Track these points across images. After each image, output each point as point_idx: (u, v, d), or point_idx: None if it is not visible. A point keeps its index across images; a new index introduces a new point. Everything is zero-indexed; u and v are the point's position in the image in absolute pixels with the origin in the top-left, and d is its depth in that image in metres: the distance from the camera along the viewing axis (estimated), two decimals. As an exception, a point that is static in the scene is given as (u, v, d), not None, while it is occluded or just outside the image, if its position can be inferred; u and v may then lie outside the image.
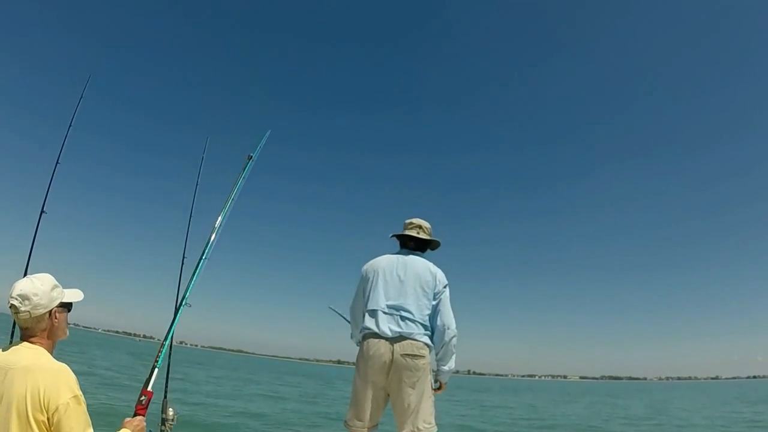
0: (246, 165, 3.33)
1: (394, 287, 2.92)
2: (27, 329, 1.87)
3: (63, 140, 3.49)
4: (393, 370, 2.74)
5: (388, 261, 3.06)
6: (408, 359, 2.74)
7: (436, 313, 2.91)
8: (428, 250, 3.22)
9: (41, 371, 1.75)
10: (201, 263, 2.89)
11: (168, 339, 2.64)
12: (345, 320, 3.37)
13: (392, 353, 2.74)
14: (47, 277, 1.94)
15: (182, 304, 2.75)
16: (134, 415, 2.24)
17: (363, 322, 2.91)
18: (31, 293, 1.85)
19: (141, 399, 2.31)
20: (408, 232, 3.15)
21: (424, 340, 2.82)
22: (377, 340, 2.80)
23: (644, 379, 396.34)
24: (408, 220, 3.21)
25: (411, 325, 2.81)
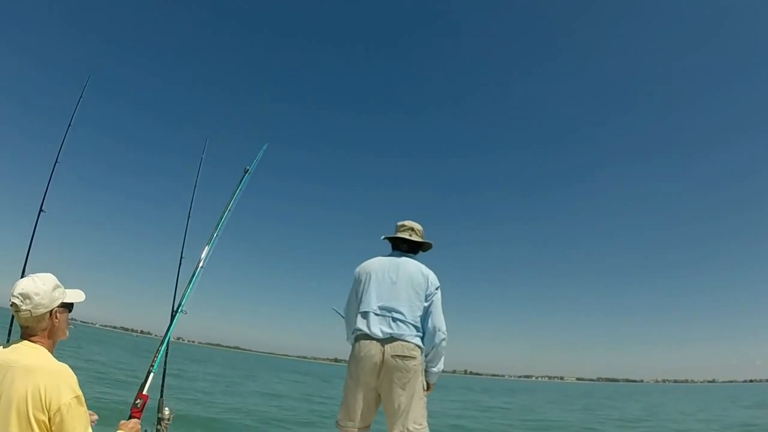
0: (242, 178, 3.31)
1: (387, 289, 2.94)
2: (27, 328, 1.87)
3: (62, 139, 3.53)
4: (384, 371, 2.76)
5: (380, 263, 3.08)
6: (399, 360, 2.75)
7: (428, 315, 2.93)
8: (420, 252, 3.23)
9: (42, 371, 1.76)
10: (197, 272, 2.88)
11: (164, 345, 2.63)
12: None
13: (383, 354, 2.76)
14: (49, 277, 1.94)
15: (178, 311, 2.75)
16: (129, 418, 2.25)
17: (355, 323, 2.93)
18: (33, 292, 1.85)
19: (136, 402, 2.31)
20: (400, 235, 3.16)
21: (415, 341, 2.84)
22: (368, 341, 2.82)
23: (641, 381, 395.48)
24: (400, 223, 3.22)
25: (402, 327, 2.83)
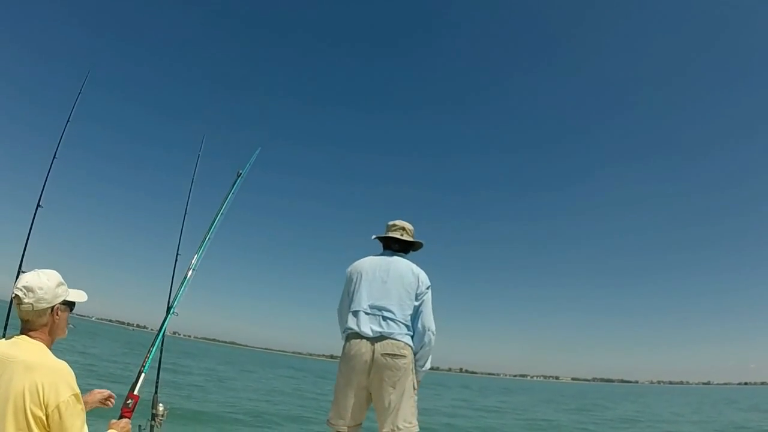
0: (235, 182, 3.30)
1: (377, 288, 2.96)
2: (28, 322, 1.88)
3: (60, 135, 3.50)
4: (374, 370, 2.78)
5: (371, 262, 3.10)
6: (388, 359, 2.78)
7: (418, 314, 2.96)
8: (411, 252, 3.26)
9: (42, 368, 1.76)
10: (188, 277, 2.86)
11: (155, 346, 2.62)
12: None
13: (373, 353, 2.79)
14: (54, 274, 1.95)
15: (170, 313, 2.74)
16: (120, 418, 2.25)
17: (347, 322, 2.95)
18: (37, 286, 1.86)
19: (127, 402, 2.30)
20: (392, 234, 3.18)
21: (405, 340, 2.86)
22: (359, 340, 2.85)
23: (636, 382, 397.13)
24: (391, 222, 3.24)
25: (392, 325, 2.85)
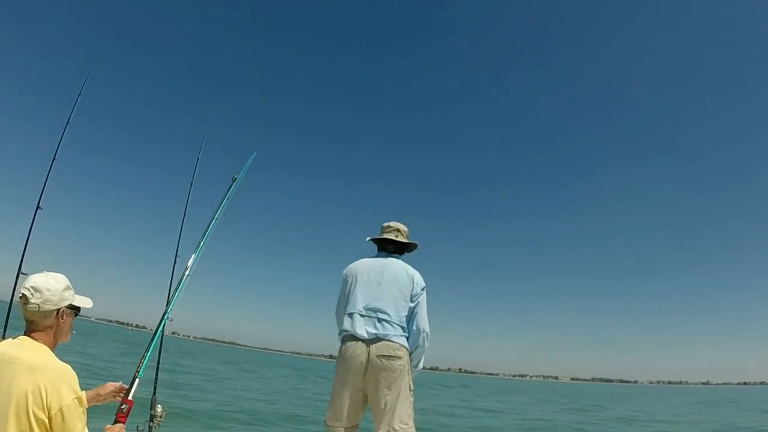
0: (230, 186, 3.32)
1: (372, 290, 2.98)
2: (32, 323, 1.89)
3: (60, 137, 3.52)
4: (370, 372, 2.80)
5: (366, 264, 3.12)
6: (384, 360, 2.79)
7: (413, 315, 2.98)
8: (406, 253, 3.28)
9: (45, 370, 1.77)
10: (183, 280, 2.85)
11: (149, 352, 2.60)
12: None
13: (368, 354, 2.81)
14: (62, 277, 1.98)
15: (164, 318, 2.73)
16: (114, 423, 2.23)
17: (342, 324, 2.97)
18: (44, 287, 1.88)
19: (122, 407, 2.29)
20: (386, 236, 3.20)
21: (400, 341, 2.88)
22: (354, 342, 2.87)
23: (635, 382, 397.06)
24: (386, 224, 3.26)
25: (388, 327, 2.87)
